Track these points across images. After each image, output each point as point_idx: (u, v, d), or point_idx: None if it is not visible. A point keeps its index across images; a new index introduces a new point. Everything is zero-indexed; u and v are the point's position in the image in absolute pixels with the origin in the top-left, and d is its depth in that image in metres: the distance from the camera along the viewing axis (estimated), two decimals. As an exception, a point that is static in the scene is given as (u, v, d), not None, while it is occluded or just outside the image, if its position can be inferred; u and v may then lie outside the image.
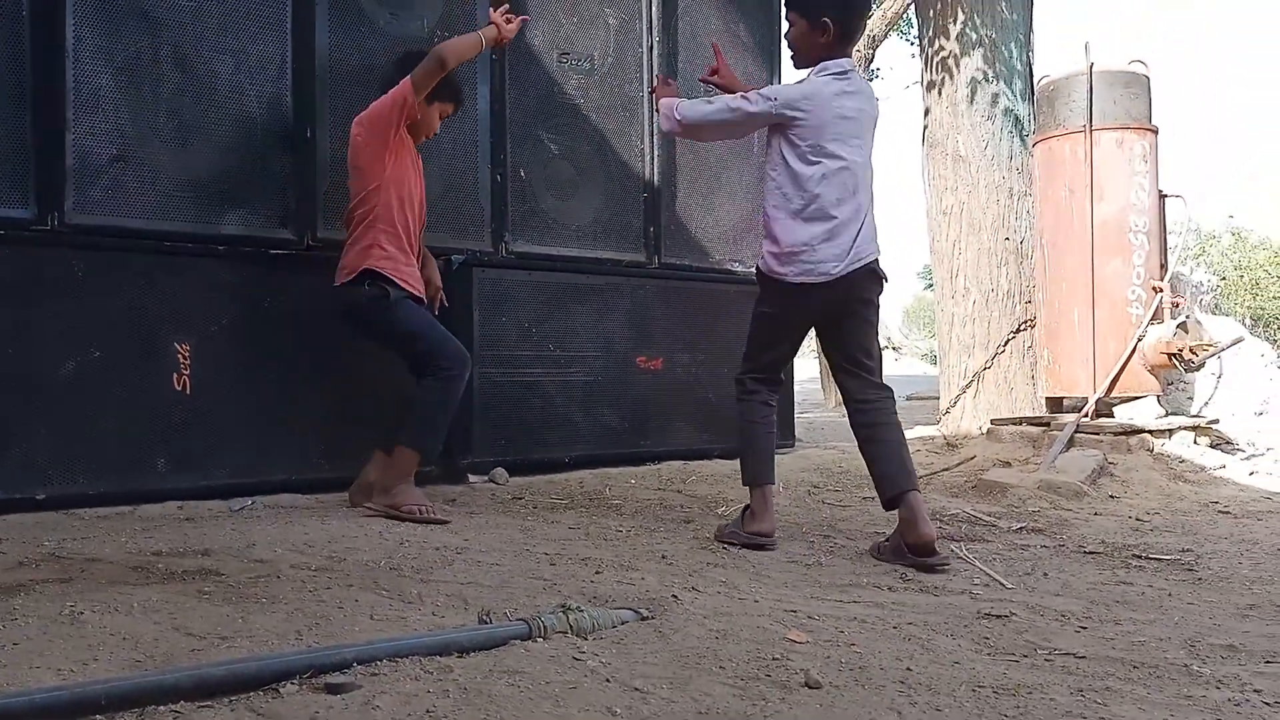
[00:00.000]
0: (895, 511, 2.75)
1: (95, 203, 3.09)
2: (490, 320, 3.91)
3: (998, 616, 2.15)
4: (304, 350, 3.46)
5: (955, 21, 5.30)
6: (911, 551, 2.64)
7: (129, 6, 3.15)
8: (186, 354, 3.23)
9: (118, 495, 3.06)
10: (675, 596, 2.09)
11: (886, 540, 2.78)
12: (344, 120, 3.59)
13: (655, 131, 4.47)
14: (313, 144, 3.52)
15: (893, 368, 25.69)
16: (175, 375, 3.22)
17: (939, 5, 5.36)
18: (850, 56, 2.89)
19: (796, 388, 5.21)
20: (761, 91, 2.90)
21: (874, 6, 11.72)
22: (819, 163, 2.79)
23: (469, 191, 3.93)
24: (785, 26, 2.97)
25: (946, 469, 4.45)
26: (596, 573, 2.34)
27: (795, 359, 5.00)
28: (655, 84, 3.11)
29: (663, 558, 2.61)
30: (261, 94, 3.42)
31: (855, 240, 2.80)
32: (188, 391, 3.23)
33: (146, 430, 3.16)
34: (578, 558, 2.52)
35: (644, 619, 1.91)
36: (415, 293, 3.20)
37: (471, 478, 3.81)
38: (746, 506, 2.93)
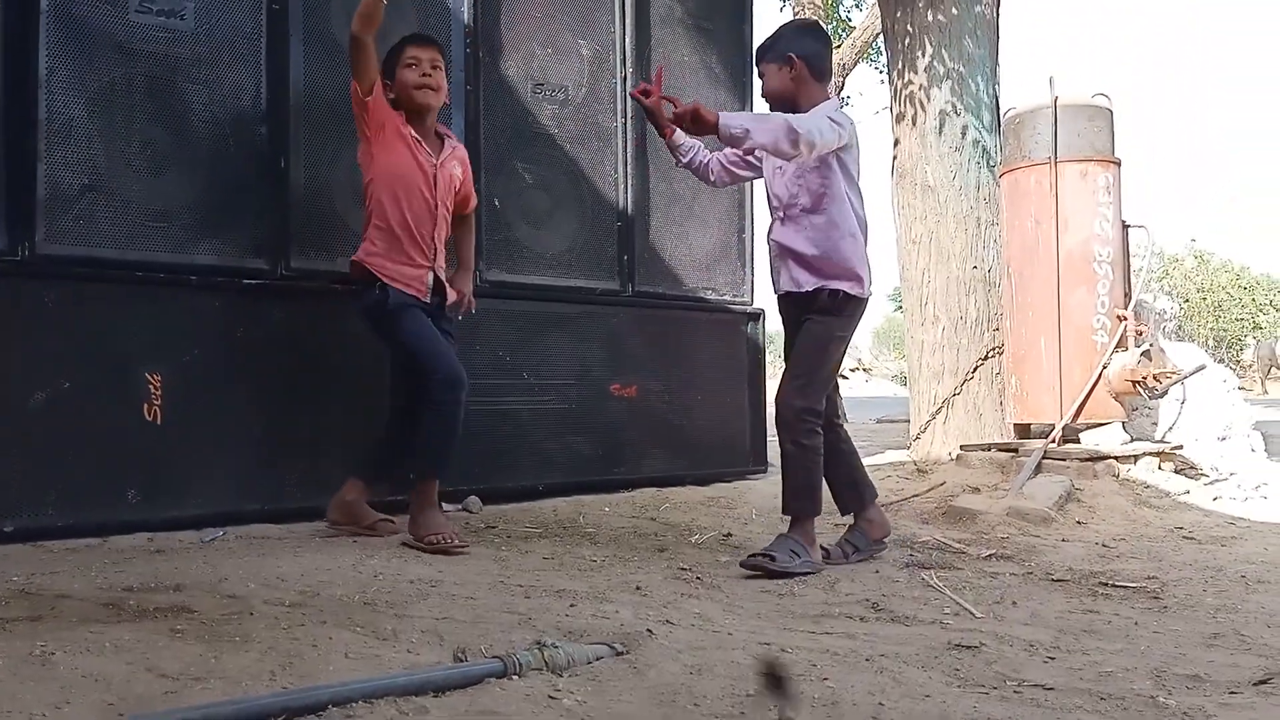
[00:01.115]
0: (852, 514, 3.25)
1: (66, 233, 3.08)
2: (464, 349, 3.89)
3: (968, 647, 2.17)
4: (276, 380, 3.45)
5: (923, 55, 5.39)
6: (879, 542, 3.22)
7: (103, 38, 3.15)
8: (158, 384, 3.21)
9: (87, 526, 3.02)
10: (650, 630, 2.10)
11: (846, 541, 3.17)
12: (318, 150, 3.61)
13: (630, 160, 4.51)
14: (286, 174, 3.52)
15: (863, 389, 25.87)
16: (146, 405, 3.19)
17: (907, 39, 5.45)
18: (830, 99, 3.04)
19: (769, 404, 5.24)
20: (831, 117, 2.89)
21: (842, 36, 11.87)
22: (860, 194, 3.04)
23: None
24: (759, 86, 3.11)
25: (917, 495, 4.48)
26: (571, 605, 2.35)
27: (767, 374, 5.13)
28: (664, 101, 3.01)
29: (637, 588, 2.63)
30: (235, 124, 3.42)
31: None
32: (158, 421, 3.21)
33: (117, 461, 3.14)
34: (552, 590, 2.53)
35: (619, 654, 1.92)
36: (410, 293, 3.14)
37: (445, 506, 3.80)
38: (785, 535, 2.99)
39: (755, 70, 3.16)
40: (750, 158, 3.22)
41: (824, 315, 3.02)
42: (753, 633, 2.21)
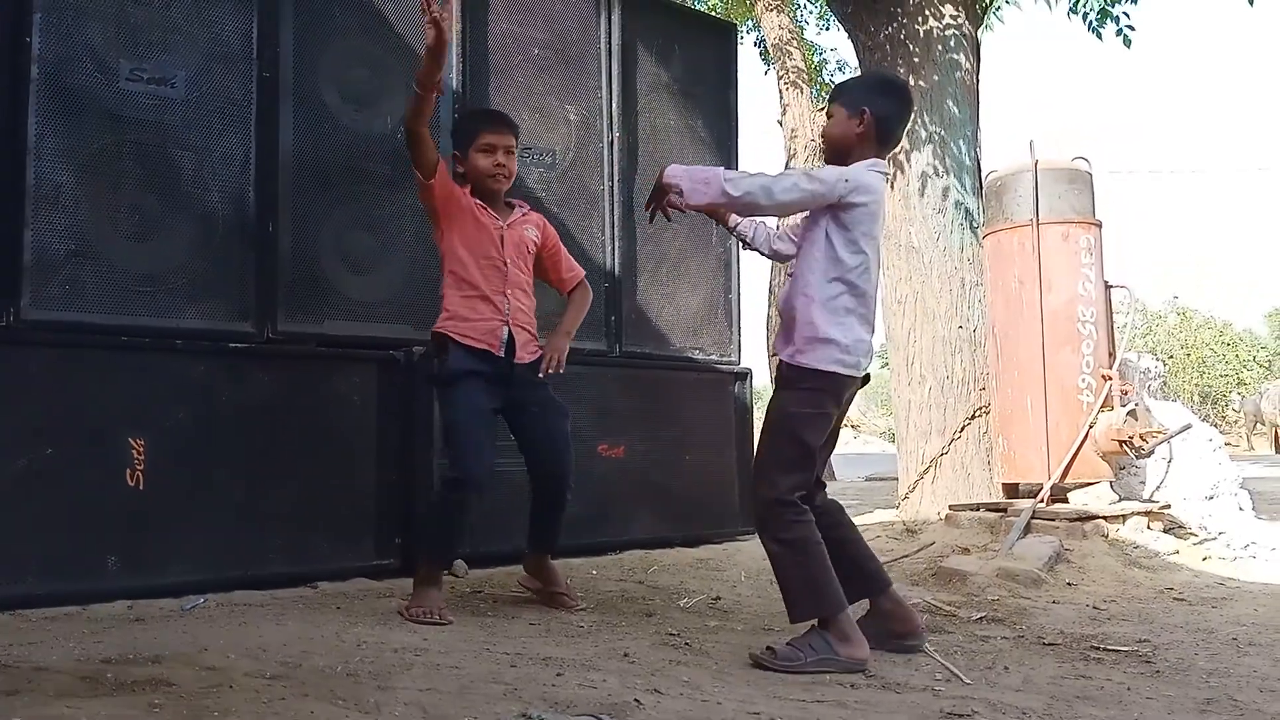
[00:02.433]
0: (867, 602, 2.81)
1: (52, 299, 3.08)
2: (451, 411, 3.90)
3: (960, 715, 2.15)
4: (261, 444, 3.42)
5: (905, 118, 5.48)
6: (902, 638, 2.73)
7: (92, 105, 3.18)
8: (141, 449, 3.18)
9: (67, 595, 2.97)
10: (638, 700, 2.07)
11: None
12: (306, 215, 3.63)
13: (616, 222, 4.55)
14: (274, 238, 3.54)
15: (851, 446, 25.84)
16: (129, 471, 3.17)
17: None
18: (886, 161, 2.85)
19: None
20: (836, 172, 2.69)
21: (825, 100, 12.07)
22: (863, 254, 2.69)
23: (431, 283, 3.94)
24: (825, 121, 2.89)
25: (906, 555, 4.46)
26: (558, 674, 2.31)
27: (754, 434, 5.07)
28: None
29: (625, 655, 2.59)
30: (224, 189, 3.45)
31: (871, 339, 2.78)
32: (141, 487, 3.18)
33: (98, 527, 3.10)
34: (539, 658, 2.49)
35: (606, 726, 1.89)
36: (478, 346, 3.06)
37: (430, 571, 3.76)
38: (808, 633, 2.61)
39: (825, 109, 2.94)
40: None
41: (781, 389, 2.74)
42: (742, 702, 2.18)
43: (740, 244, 3.22)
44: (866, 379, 2.81)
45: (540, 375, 3.17)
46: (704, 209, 2.82)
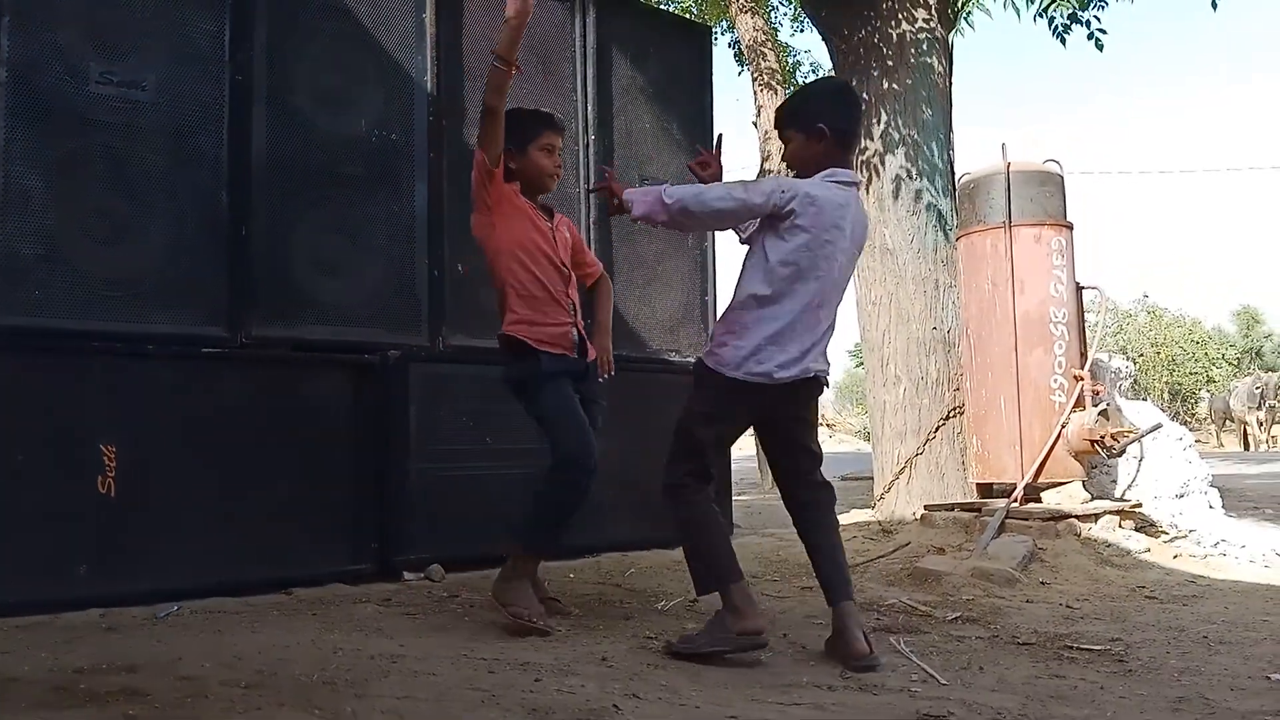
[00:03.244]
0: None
1: (22, 304, 3.05)
2: (427, 414, 3.89)
3: (936, 716, 2.16)
4: (236, 450, 3.40)
5: (879, 122, 5.52)
6: (845, 660, 2.63)
7: (63, 108, 3.15)
8: (112, 455, 3.15)
9: (38, 603, 2.94)
10: (616, 706, 2.07)
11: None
12: (280, 217, 3.61)
13: (593, 225, 4.55)
14: (248, 241, 3.51)
15: (827, 445, 25.90)
16: (100, 478, 3.13)
17: (863, 106, 5.57)
18: (853, 168, 2.86)
19: (734, 467, 5.25)
20: (774, 182, 2.75)
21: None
22: (794, 265, 2.70)
23: (406, 286, 3.94)
24: (782, 148, 2.92)
25: (883, 556, 4.48)
26: (536, 680, 2.31)
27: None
28: (606, 177, 2.98)
29: (603, 659, 2.59)
30: (196, 193, 3.42)
31: (808, 352, 2.75)
32: (112, 494, 3.15)
33: (69, 534, 3.07)
34: (516, 663, 2.49)
35: (585, 732, 1.89)
36: (558, 352, 3.11)
37: (407, 575, 3.75)
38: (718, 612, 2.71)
39: (779, 133, 2.92)
40: None
41: (693, 385, 2.89)
42: (719, 705, 2.19)
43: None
44: (818, 386, 2.84)
45: (601, 379, 3.29)
46: (643, 219, 2.86)
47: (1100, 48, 5.92)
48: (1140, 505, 4.73)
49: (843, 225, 2.74)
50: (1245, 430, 23.72)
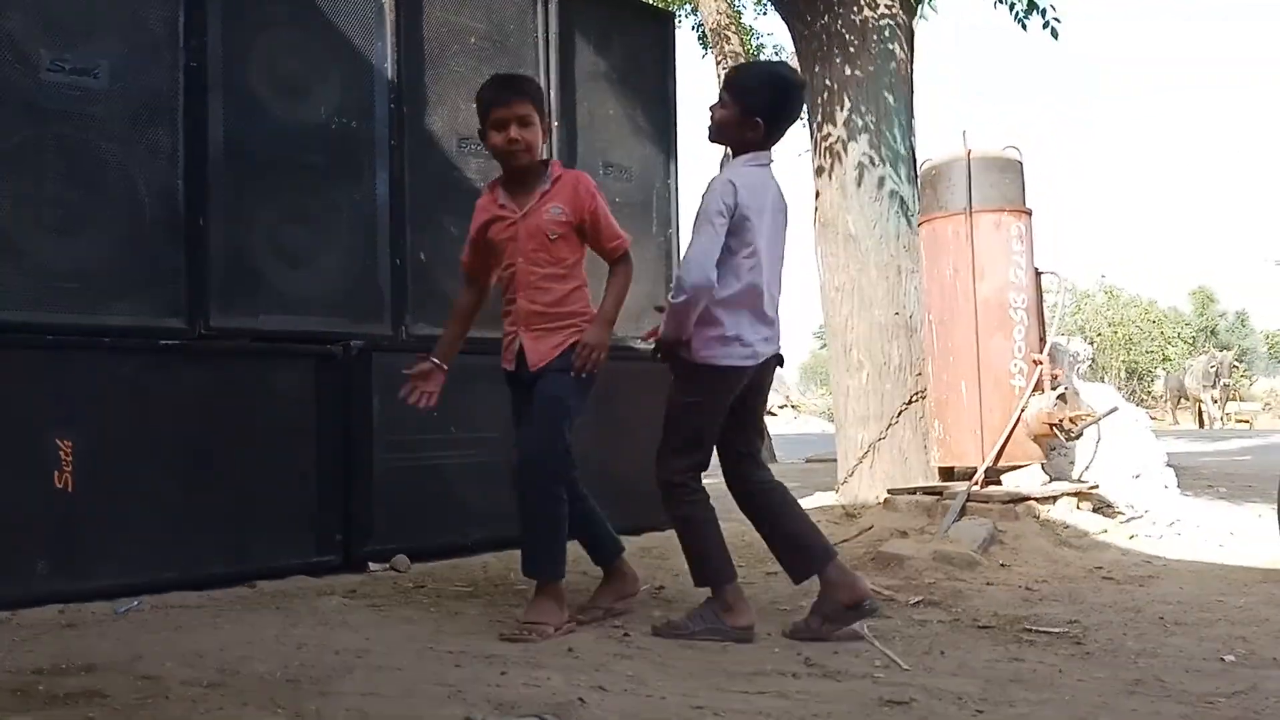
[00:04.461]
0: (807, 581, 2.94)
1: (-28, 297, 2.98)
2: (390, 405, 3.85)
3: (899, 703, 2.19)
4: (196, 443, 3.36)
5: (842, 108, 5.53)
6: (851, 608, 2.80)
7: (12, 97, 3.08)
8: (69, 450, 3.10)
9: (-5, 601, 2.90)
10: (582, 699, 2.08)
11: (812, 616, 2.86)
12: (238, 207, 3.56)
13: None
14: (205, 231, 3.46)
15: (791, 426, 26.10)
16: (57, 473, 3.09)
17: (825, 94, 5.59)
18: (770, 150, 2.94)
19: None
20: (718, 200, 2.77)
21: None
22: (751, 249, 2.80)
23: (368, 276, 3.91)
24: (715, 100, 2.93)
25: (846, 540, 4.52)
26: (502, 673, 2.31)
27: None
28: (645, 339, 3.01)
29: (569, 650, 2.60)
30: (151, 182, 3.36)
31: (775, 328, 2.92)
32: (70, 489, 3.10)
33: (26, 531, 3.02)
34: (483, 655, 2.49)
35: (551, 727, 1.90)
36: (506, 367, 3.05)
37: (372, 566, 3.74)
38: (708, 602, 2.87)
39: (718, 93, 2.96)
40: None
41: (677, 379, 2.92)
42: (686, 695, 2.20)
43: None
44: (778, 361, 2.97)
45: (572, 374, 2.94)
46: (685, 328, 2.82)
47: (1055, 35, 5.99)
48: (1097, 487, 4.81)
49: (768, 204, 2.88)
50: (1200, 408, 24.18)
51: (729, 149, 3.03)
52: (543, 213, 2.95)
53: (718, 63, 10.59)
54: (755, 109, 2.84)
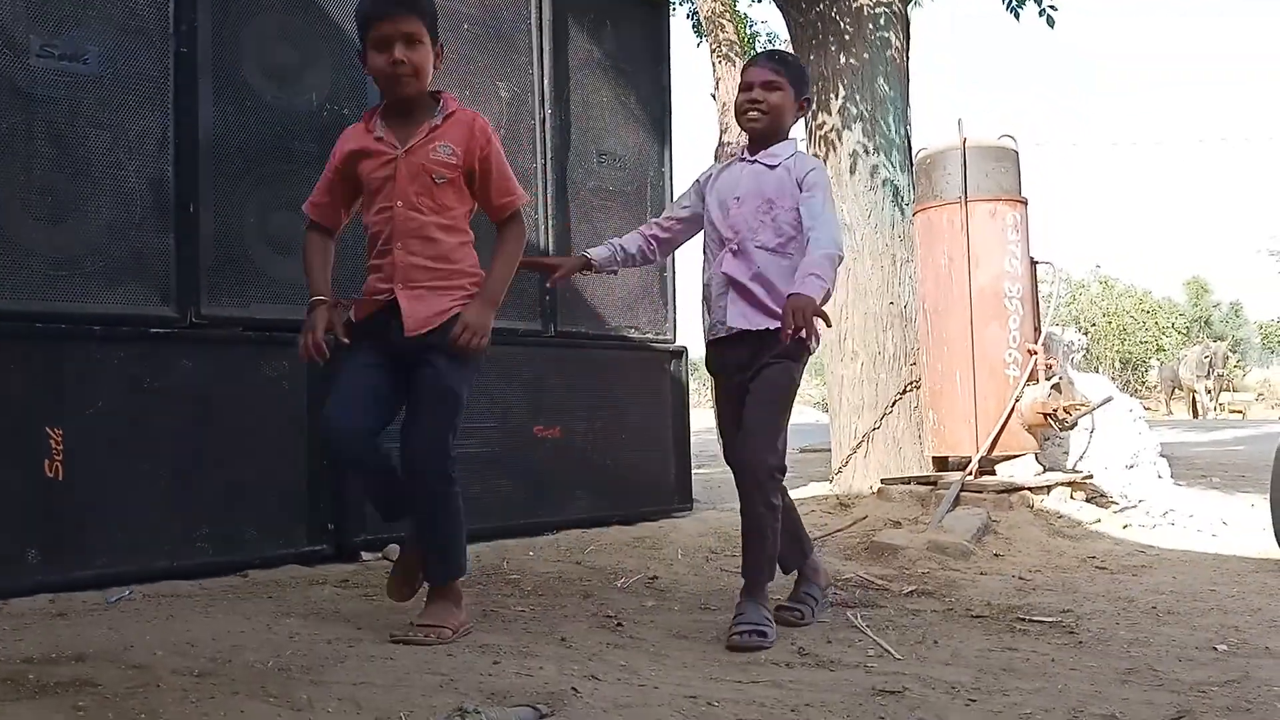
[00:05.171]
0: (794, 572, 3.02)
1: (-39, 285, 2.96)
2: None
3: (891, 692, 2.19)
4: (187, 431, 3.34)
5: (836, 96, 5.51)
6: (831, 587, 3.09)
7: (2, 83, 3.05)
8: (59, 439, 3.09)
9: (-15, 590, 2.89)
10: (575, 689, 2.07)
11: (806, 595, 2.95)
12: (229, 194, 3.53)
13: (550, 201, 4.52)
14: (196, 218, 3.44)
15: (787, 417, 26.08)
16: (47, 462, 3.07)
17: (821, 81, 5.56)
18: None
19: (693, 439, 5.27)
20: (826, 195, 2.77)
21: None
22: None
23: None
24: (769, 79, 2.84)
25: (840, 529, 4.53)
26: (494, 663, 2.31)
27: (690, 411, 5.11)
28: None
29: (562, 640, 2.59)
30: (141, 169, 3.34)
31: None
32: (60, 478, 3.09)
33: (16, 520, 3.00)
34: (475, 645, 2.48)
35: (543, 716, 1.89)
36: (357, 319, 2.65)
37: (365, 555, 3.73)
38: (752, 601, 2.71)
39: (760, 75, 2.86)
40: (683, 211, 3.08)
41: (787, 359, 2.76)
42: (679, 685, 2.19)
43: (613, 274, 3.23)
44: None
45: (450, 348, 2.55)
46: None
47: (1051, 24, 5.97)
48: (1091, 476, 4.81)
49: None
50: (1194, 398, 24.21)
51: (759, 138, 2.91)
52: (429, 150, 2.57)
53: (712, 51, 10.54)
54: (804, 91, 2.92)
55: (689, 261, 8.93)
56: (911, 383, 5.35)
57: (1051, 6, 5.92)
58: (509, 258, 2.69)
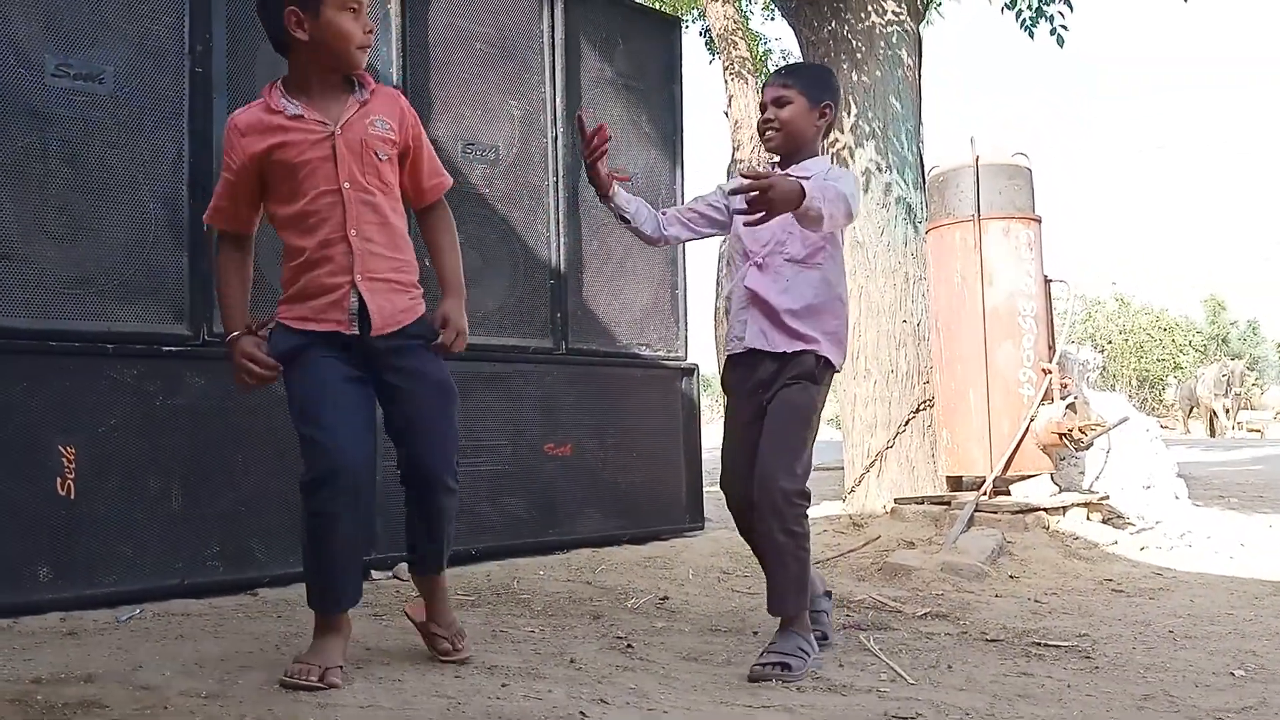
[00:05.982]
0: None
1: (-24, 303, 2.97)
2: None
3: (904, 718, 2.16)
4: (199, 449, 3.34)
5: (849, 115, 5.51)
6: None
7: (16, 103, 3.07)
8: (71, 457, 3.09)
9: (-4, 608, 2.89)
10: (583, 713, 2.05)
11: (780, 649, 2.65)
12: (243, 213, 3.54)
13: (562, 218, 4.52)
14: (209, 238, 3.45)
15: (800, 433, 26.02)
16: (59, 479, 3.08)
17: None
18: None
19: (705, 457, 5.24)
20: (851, 182, 2.64)
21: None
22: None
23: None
24: (777, 94, 2.75)
25: (853, 550, 4.50)
26: (503, 685, 2.29)
27: (702, 429, 5.06)
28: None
29: (571, 661, 2.57)
30: (156, 189, 3.35)
31: None
32: (72, 496, 3.09)
33: (28, 537, 3.01)
34: (484, 666, 2.47)
35: (551, 741, 1.87)
36: (322, 329, 2.33)
37: (375, 574, 3.72)
38: (790, 631, 2.59)
39: (769, 93, 2.78)
40: (706, 208, 2.88)
41: (805, 380, 2.66)
42: (688, 710, 2.17)
43: (619, 220, 2.88)
44: None
45: (433, 350, 2.39)
46: (821, 220, 2.49)
47: (1061, 44, 5.98)
48: (1108, 497, 4.78)
49: None
50: (1212, 417, 24.03)
51: (782, 155, 2.82)
52: (366, 125, 2.29)
53: (725, 68, 10.57)
54: (822, 96, 2.77)
55: (699, 279, 8.92)
56: (925, 401, 5.33)
57: (1063, 26, 5.93)
58: (455, 244, 2.49)
